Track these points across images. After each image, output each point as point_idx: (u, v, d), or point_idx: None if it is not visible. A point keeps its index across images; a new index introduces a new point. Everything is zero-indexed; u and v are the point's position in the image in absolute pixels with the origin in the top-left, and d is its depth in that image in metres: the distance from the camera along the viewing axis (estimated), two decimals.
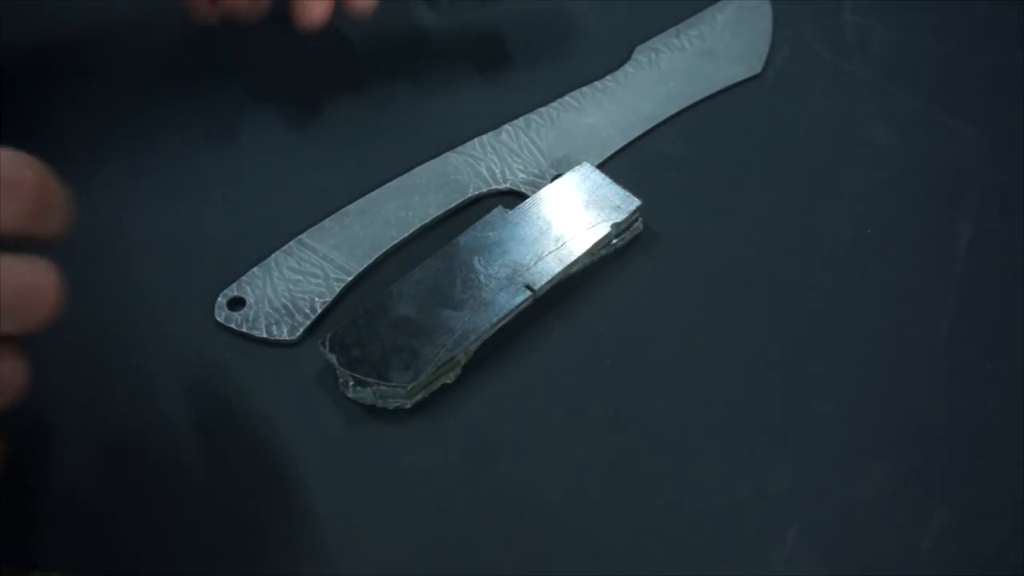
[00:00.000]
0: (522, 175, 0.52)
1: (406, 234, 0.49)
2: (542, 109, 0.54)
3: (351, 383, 0.44)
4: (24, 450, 0.43)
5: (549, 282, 0.46)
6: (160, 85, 0.56)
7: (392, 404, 0.44)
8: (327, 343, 0.44)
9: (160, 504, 0.42)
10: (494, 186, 0.51)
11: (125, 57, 0.57)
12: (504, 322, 0.45)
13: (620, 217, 0.48)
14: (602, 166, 0.51)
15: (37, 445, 0.43)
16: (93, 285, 0.48)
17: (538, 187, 0.50)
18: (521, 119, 0.54)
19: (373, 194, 0.50)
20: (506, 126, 0.54)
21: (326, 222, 0.49)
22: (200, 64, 0.56)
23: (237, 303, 0.46)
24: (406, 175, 0.51)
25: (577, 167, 0.50)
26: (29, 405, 0.44)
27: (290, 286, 0.47)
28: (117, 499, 0.42)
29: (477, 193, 0.51)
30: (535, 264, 0.46)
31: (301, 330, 0.46)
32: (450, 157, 0.52)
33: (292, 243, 0.48)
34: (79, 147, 0.53)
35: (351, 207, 0.50)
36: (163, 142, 0.53)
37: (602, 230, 0.48)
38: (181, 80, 0.56)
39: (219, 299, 0.47)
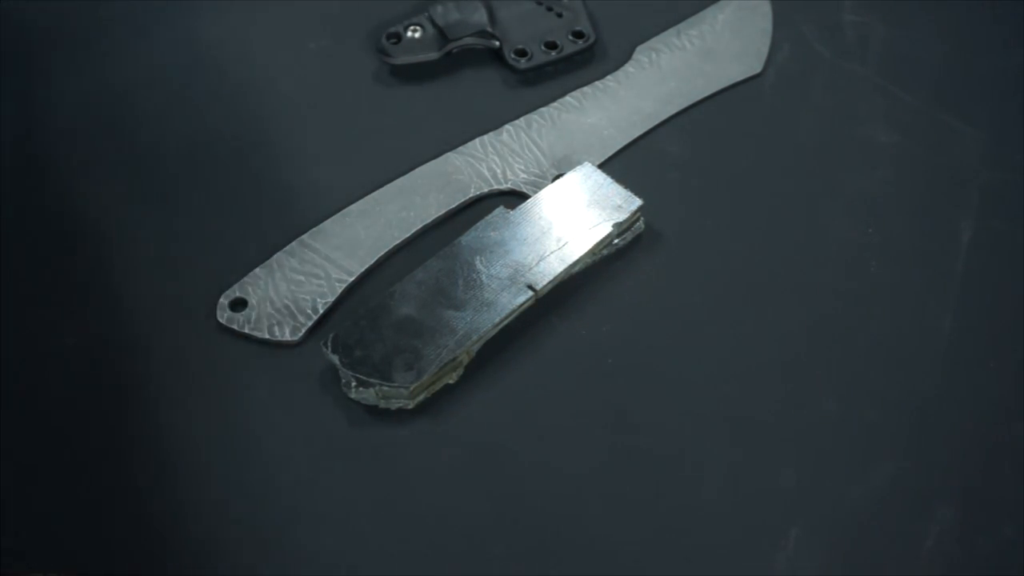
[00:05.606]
0: (523, 175, 0.52)
1: (408, 234, 0.49)
2: (543, 109, 0.54)
3: (353, 383, 0.44)
4: (25, 450, 0.43)
5: (551, 282, 0.46)
6: (158, 94, 0.56)
7: (395, 404, 0.44)
8: (329, 344, 0.44)
9: (161, 504, 0.42)
10: (495, 186, 0.51)
11: (126, 53, 0.57)
12: (506, 322, 0.45)
13: (622, 217, 0.48)
14: (603, 166, 0.51)
15: (38, 445, 0.43)
16: (95, 286, 0.48)
17: (539, 187, 0.50)
18: (522, 119, 0.54)
19: (374, 195, 0.50)
20: (507, 126, 0.54)
21: (328, 223, 0.49)
22: (201, 66, 0.56)
23: (239, 304, 0.46)
24: (407, 176, 0.51)
25: (578, 167, 0.50)
26: (30, 405, 0.44)
27: (292, 287, 0.47)
28: (117, 499, 0.42)
29: (478, 193, 0.51)
30: (537, 264, 0.46)
31: (303, 331, 0.46)
32: (451, 157, 0.52)
33: (294, 244, 0.48)
34: (79, 146, 0.53)
35: (352, 208, 0.50)
36: (163, 142, 0.53)
37: (604, 230, 0.48)
38: (182, 82, 0.56)
39: (221, 300, 0.47)
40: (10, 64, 0.56)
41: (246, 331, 0.46)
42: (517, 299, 0.45)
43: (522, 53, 0.56)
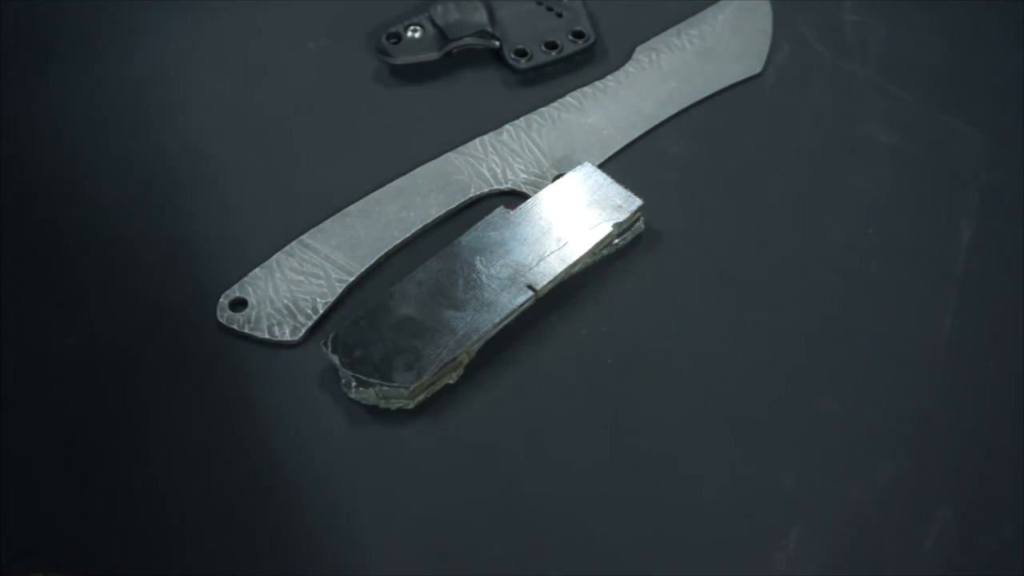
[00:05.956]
0: (523, 175, 0.52)
1: (408, 234, 0.49)
2: (543, 109, 0.54)
3: (353, 384, 0.44)
4: (25, 450, 0.43)
5: (551, 282, 0.46)
6: (159, 94, 0.56)
7: (395, 404, 0.44)
8: (329, 344, 0.44)
9: (161, 504, 0.42)
10: (495, 186, 0.51)
11: (126, 53, 0.57)
12: (506, 322, 0.45)
13: (622, 217, 0.48)
14: (603, 166, 0.51)
15: (38, 445, 0.43)
16: (95, 286, 0.48)
17: (539, 187, 0.50)
18: (522, 119, 0.54)
19: (374, 194, 0.50)
20: (507, 126, 0.54)
21: (327, 223, 0.49)
22: (201, 66, 0.56)
23: (239, 304, 0.46)
24: (407, 175, 0.51)
25: (578, 167, 0.50)
26: (30, 405, 0.44)
27: (292, 287, 0.47)
28: (117, 499, 0.42)
29: (479, 193, 0.51)
30: (537, 264, 0.46)
31: (303, 331, 0.46)
32: (451, 157, 0.52)
33: (294, 244, 0.48)
34: (79, 146, 0.53)
35: (352, 208, 0.50)
36: (163, 142, 0.53)
37: (604, 230, 0.48)
38: (182, 82, 0.56)
39: (221, 300, 0.47)
40: (10, 64, 0.56)
41: (246, 331, 0.46)
42: (517, 299, 0.45)
43: (522, 53, 0.56)
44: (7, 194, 0.51)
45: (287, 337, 0.46)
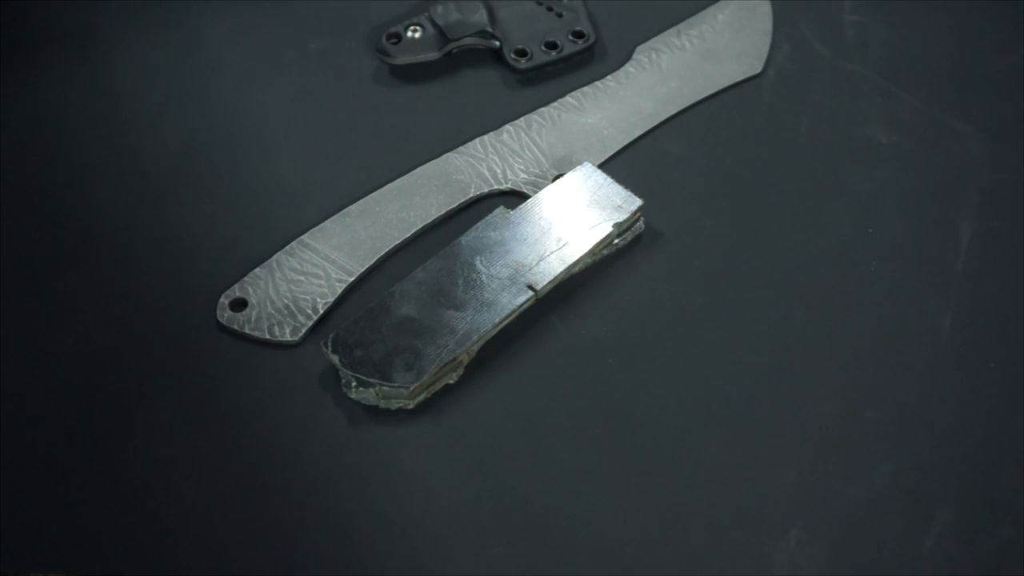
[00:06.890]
0: (523, 175, 0.52)
1: (408, 234, 0.49)
2: (543, 109, 0.54)
3: (353, 384, 0.44)
4: (24, 450, 0.43)
5: (551, 282, 0.46)
6: (159, 93, 0.56)
7: (394, 404, 0.44)
8: (329, 344, 0.44)
9: (160, 504, 0.42)
10: (496, 186, 0.51)
11: (126, 53, 0.57)
12: (506, 322, 0.45)
13: (622, 217, 0.48)
14: (603, 166, 0.52)
15: (38, 445, 0.43)
16: (95, 287, 0.48)
17: (539, 187, 0.50)
18: (522, 119, 0.54)
19: (374, 195, 0.50)
20: (507, 126, 0.54)
21: (328, 223, 0.49)
22: (201, 65, 0.56)
23: (239, 304, 0.46)
24: (407, 175, 0.51)
25: (578, 167, 0.50)
26: (30, 406, 0.44)
27: (292, 287, 0.47)
28: (117, 499, 0.42)
29: (479, 193, 0.51)
30: (537, 264, 0.46)
31: (303, 331, 0.46)
32: (451, 157, 0.52)
33: (294, 244, 0.48)
34: (79, 146, 0.53)
35: (352, 208, 0.50)
36: (163, 142, 0.53)
37: (604, 230, 0.48)
38: (182, 82, 0.56)
39: (221, 300, 0.47)
40: (10, 64, 0.56)
41: (246, 331, 0.46)
42: (517, 299, 0.45)
43: (522, 53, 0.56)
44: (7, 194, 0.51)
45: (287, 337, 0.46)
